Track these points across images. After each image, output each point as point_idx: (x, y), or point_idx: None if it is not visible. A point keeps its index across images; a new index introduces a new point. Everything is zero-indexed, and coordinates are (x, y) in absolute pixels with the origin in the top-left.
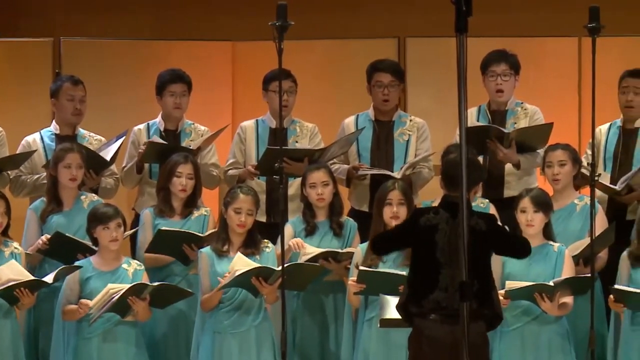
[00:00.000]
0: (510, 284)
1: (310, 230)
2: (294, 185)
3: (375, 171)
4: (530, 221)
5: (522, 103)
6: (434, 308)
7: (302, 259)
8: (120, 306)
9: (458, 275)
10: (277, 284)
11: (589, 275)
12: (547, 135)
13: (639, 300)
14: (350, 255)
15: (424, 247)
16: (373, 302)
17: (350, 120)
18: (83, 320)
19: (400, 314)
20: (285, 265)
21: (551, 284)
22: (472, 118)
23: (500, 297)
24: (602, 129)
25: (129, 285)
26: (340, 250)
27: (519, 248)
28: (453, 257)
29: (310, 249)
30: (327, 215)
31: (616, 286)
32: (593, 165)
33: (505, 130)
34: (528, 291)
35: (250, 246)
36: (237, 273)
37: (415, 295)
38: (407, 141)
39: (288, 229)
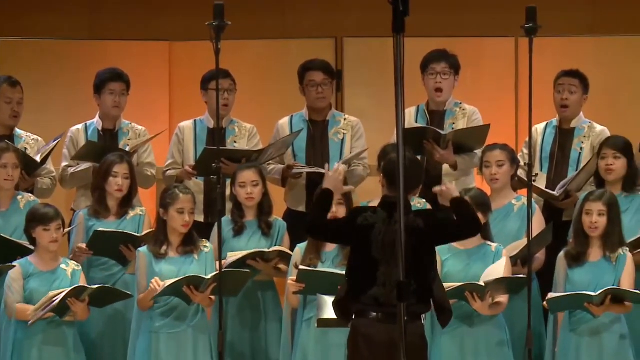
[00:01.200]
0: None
1: (238, 230)
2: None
3: (308, 169)
4: None
5: (460, 103)
6: (372, 304)
7: (228, 261)
8: (60, 308)
9: (395, 272)
10: (209, 292)
11: (522, 275)
12: (484, 136)
13: (573, 302)
14: (277, 253)
15: (360, 245)
16: (312, 302)
17: (284, 121)
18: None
19: (335, 311)
20: (215, 273)
21: (482, 283)
22: (411, 118)
23: None
24: (538, 128)
25: (69, 289)
26: (266, 250)
27: (465, 229)
28: (389, 254)
29: (237, 252)
30: (256, 214)
31: (549, 295)
32: (530, 166)
33: (442, 132)
34: (459, 291)
35: (189, 245)
36: (167, 284)
37: (354, 291)
38: (342, 140)
39: (214, 231)
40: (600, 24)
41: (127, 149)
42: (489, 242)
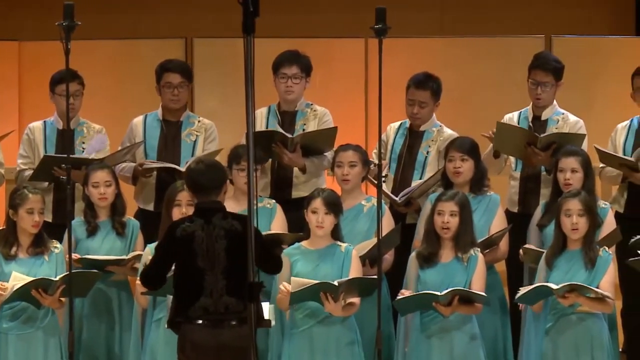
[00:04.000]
0: (296, 282)
1: (91, 231)
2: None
3: (159, 164)
4: (320, 223)
5: (311, 104)
6: (201, 315)
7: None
8: None
9: (220, 280)
10: (58, 294)
11: (375, 276)
12: (333, 139)
13: (421, 302)
14: (135, 256)
15: (184, 257)
16: (161, 303)
17: (138, 120)
18: None
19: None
20: (63, 275)
21: (335, 283)
22: (262, 118)
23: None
24: (392, 126)
25: None
26: (125, 257)
27: (267, 264)
28: (214, 261)
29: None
30: (109, 214)
31: (398, 297)
32: (380, 166)
33: (289, 136)
34: (311, 291)
35: (39, 246)
36: (16, 287)
37: (182, 305)
38: (195, 142)
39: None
40: (450, 24)
41: None
42: (339, 242)
